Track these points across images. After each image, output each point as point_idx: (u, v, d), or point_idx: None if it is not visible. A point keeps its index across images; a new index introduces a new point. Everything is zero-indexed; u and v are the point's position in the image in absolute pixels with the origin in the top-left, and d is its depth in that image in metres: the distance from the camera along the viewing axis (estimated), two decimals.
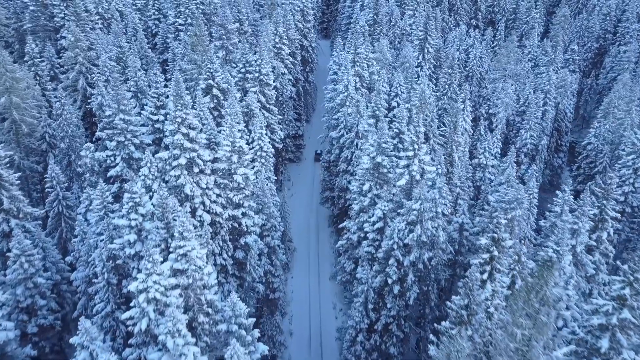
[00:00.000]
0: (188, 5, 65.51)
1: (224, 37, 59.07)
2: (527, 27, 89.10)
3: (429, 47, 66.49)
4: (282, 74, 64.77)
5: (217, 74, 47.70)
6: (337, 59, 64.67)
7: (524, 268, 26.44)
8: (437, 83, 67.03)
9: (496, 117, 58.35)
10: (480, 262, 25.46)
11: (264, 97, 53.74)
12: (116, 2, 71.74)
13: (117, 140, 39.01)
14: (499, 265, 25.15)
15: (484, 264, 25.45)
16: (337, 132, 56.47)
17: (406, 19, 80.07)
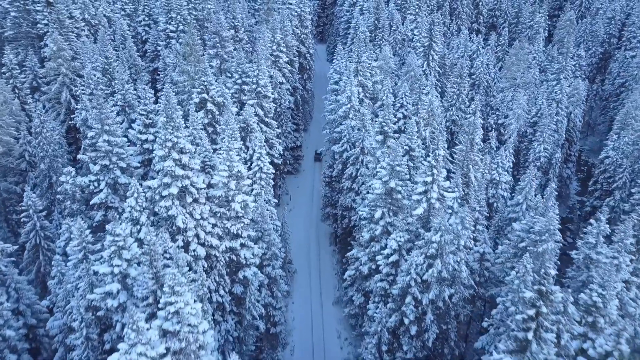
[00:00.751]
0: (180, 11, 61.17)
1: (218, 45, 54.84)
2: (530, 31, 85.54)
3: (433, 54, 62.64)
4: (280, 83, 60.66)
5: (211, 87, 43.50)
6: (338, 67, 60.62)
7: (571, 321, 22.56)
8: (444, 92, 63.26)
9: (507, 128, 54.57)
10: (524, 317, 21.57)
11: (262, 111, 49.60)
12: (104, 8, 67.21)
13: (101, 164, 34.71)
14: (546, 322, 21.26)
15: (528, 320, 21.57)
16: (339, 146, 52.42)
17: (407, 24, 76.14)
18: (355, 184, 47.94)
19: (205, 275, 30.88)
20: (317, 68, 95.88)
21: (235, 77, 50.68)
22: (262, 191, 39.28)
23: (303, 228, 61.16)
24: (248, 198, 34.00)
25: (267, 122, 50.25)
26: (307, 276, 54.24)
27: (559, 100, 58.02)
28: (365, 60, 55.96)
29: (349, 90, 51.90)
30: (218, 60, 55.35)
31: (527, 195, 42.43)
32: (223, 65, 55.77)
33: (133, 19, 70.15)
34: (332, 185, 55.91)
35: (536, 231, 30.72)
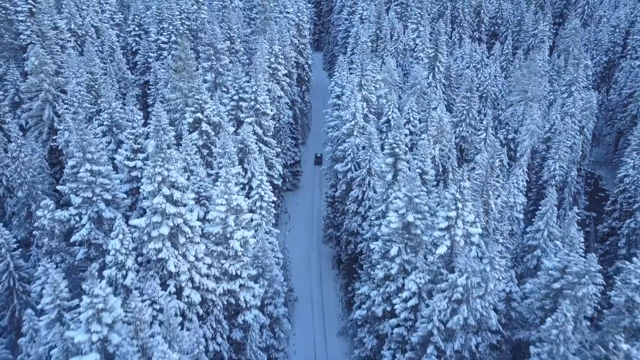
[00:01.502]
0: (172, 21, 57.13)
1: (212, 57, 50.82)
2: (534, 40, 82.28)
3: (439, 66, 59.05)
4: (279, 97, 56.76)
5: (206, 105, 39.50)
6: (340, 80, 56.87)
7: None
8: (449, 105, 59.68)
9: (520, 145, 51.00)
10: None
11: (260, 129, 45.67)
12: (91, 17, 63.00)
13: (83, 196, 30.60)
14: None
15: None
16: (343, 165, 48.56)
17: (409, 33, 72.54)
18: (361, 208, 44.07)
19: (200, 322, 26.98)
20: (314, 77, 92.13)
21: (232, 93, 46.75)
22: (263, 221, 35.31)
23: (304, 249, 57.19)
24: (248, 234, 30.03)
25: (266, 141, 46.34)
26: (308, 304, 50.25)
27: (572, 114, 54.58)
28: (369, 74, 52.20)
29: (353, 106, 48.11)
30: (213, 73, 51.35)
31: (548, 221, 38.77)
32: (218, 79, 51.78)
33: (123, 29, 66.05)
34: (335, 205, 52.01)
35: (574, 272, 27.00)
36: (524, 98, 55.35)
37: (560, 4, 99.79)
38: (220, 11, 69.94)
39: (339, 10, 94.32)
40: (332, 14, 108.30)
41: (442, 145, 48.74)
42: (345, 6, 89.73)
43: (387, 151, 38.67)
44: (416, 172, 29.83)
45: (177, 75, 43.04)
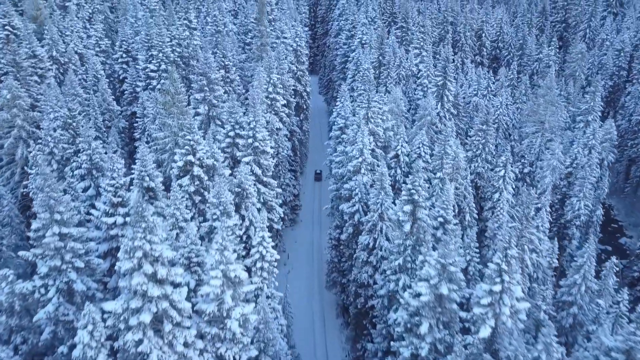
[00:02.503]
0: (162, 48, 51.98)
1: (206, 88, 45.73)
2: (539, 64, 78.29)
3: (448, 95, 54.39)
4: (277, 129, 51.64)
5: (199, 146, 34.15)
6: (343, 111, 51.96)
7: None
8: (459, 136, 54.91)
9: (541, 182, 46.18)
10: None
11: (259, 169, 40.36)
12: (75, 44, 57.73)
13: (50, 265, 24.96)
14: None
15: None
16: (350, 205, 43.34)
17: (412, 59, 68.12)
18: (373, 257, 38.71)
19: None
20: (310, 102, 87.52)
21: (228, 129, 41.53)
22: (265, 284, 29.77)
23: (305, 295, 51.55)
24: (248, 309, 24.48)
25: (265, 182, 41.03)
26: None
27: (592, 146, 50.00)
28: (376, 105, 47.33)
29: (361, 142, 43.06)
30: (206, 105, 46.18)
31: (585, 275, 33.69)
32: (212, 112, 46.61)
33: (109, 55, 60.85)
34: (340, 249, 46.60)
35: None
36: (540, 129, 50.73)
37: (560, 27, 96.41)
38: (214, 36, 65.11)
39: (335, 34, 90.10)
40: (328, 37, 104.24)
41: (457, 183, 43.73)
42: (342, 30, 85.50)
43: (405, 197, 33.47)
44: (452, 235, 24.53)
45: (165, 111, 37.75)
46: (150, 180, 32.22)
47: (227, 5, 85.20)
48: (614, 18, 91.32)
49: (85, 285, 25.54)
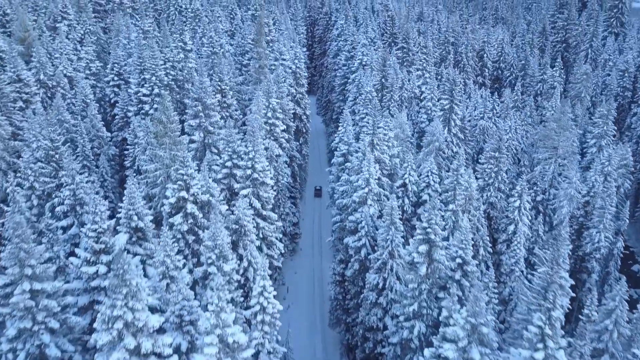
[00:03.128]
0: (155, 71, 48.94)
1: (201, 114, 42.64)
2: (543, 85, 75.95)
3: (455, 119, 51.57)
4: (277, 156, 48.46)
5: (193, 181, 30.84)
6: (346, 137, 48.91)
7: None
8: (467, 162, 51.95)
9: (558, 212, 43.13)
10: None
11: (259, 202, 37.04)
12: (64, 66, 54.66)
13: (20, 326, 21.39)
14: None
15: None
16: (356, 239, 40.01)
17: (414, 80, 65.54)
18: (382, 299, 35.27)
19: None
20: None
21: (225, 159, 38.29)
22: (266, 340, 26.22)
23: (305, 332, 47.77)
24: None
25: (265, 215, 37.69)
26: None
27: (608, 172, 47.11)
28: (381, 130, 44.31)
29: (367, 171, 39.88)
30: (201, 132, 43.04)
31: (617, 320, 30.36)
32: (208, 139, 43.45)
33: (100, 78, 57.78)
34: (345, 285, 43.07)
35: None
36: (553, 155, 47.85)
37: (560, 47, 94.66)
38: (210, 58, 62.28)
39: (334, 54, 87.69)
40: (326, 57, 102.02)
41: (470, 215, 40.56)
42: (341, 50, 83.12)
43: (420, 237, 30.21)
44: (482, 292, 21.18)
45: (157, 141, 34.49)
46: (138, 219, 28.87)
47: (224, 26, 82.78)
48: (615, 38, 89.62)
49: (60, 348, 21.94)
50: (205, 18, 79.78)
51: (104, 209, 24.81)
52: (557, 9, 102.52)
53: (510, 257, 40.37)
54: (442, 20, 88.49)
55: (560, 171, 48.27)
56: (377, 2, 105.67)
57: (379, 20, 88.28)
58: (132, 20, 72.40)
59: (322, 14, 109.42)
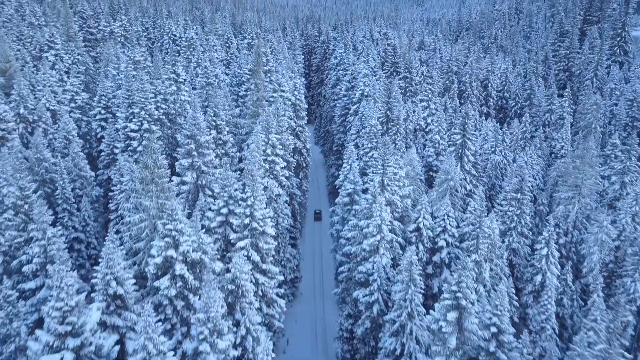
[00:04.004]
0: (144, 105, 44.81)
1: (194, 153, 38.31)
2: (550, 116, 72.65)
3: (468, 155, 47.58)
4: (277, 195, 44.06)
5: (182, 237, 26.25)
6: (352, 175, 44.66)
7: None
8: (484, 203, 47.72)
9: (588, 259, 38.78)
10: None
11: (258, 255, 32.38)
12: (47, 99, 50.44)
13: None
14: None
15: None
16: (367, 293, 35.39)
17: (419, 112, 61.96)
18: None
19: None
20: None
21: (220, 205, 33.78)
22: None
23: None
24: None
25: (265, 270, 33.00)
26: None
27: (635, 213, 42.97)
28: (391, 169, 40.13)
29: (379, 216, 35.51)
30: (194, 172, 38.60)
31: None
32: (201, 180, 39.01)
33: (86, 111, 53.56)
34: (354, 344, 38.21)
35: None
36: (576, 194, 43.74)
37: (563, 76, 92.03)
38: (204, 89, 58.43)
39: (333, 84, 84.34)
40: (324, 87, 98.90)
41: (493, 264, 36.15)
42: (341, 80, 79.83)
43: (448, 302, 25.66)
44: None
45: (142, 188, 29.95)
46: (117, 284, 24.24)
47: (219, 55, 79.48)
48: (620, 67, 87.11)
49: None
50: (200, 47, 76.42)
51: (72, 282, 20.07)
52: (558, 37, 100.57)
53: (540, 312, 35.83)
54: (444, 48, 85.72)
55: (593, 216, 44.06)
56: (376, 31, 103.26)
57: (378, 49, 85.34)
58: (123, 49, 68.76)
59: (320, 43, 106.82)
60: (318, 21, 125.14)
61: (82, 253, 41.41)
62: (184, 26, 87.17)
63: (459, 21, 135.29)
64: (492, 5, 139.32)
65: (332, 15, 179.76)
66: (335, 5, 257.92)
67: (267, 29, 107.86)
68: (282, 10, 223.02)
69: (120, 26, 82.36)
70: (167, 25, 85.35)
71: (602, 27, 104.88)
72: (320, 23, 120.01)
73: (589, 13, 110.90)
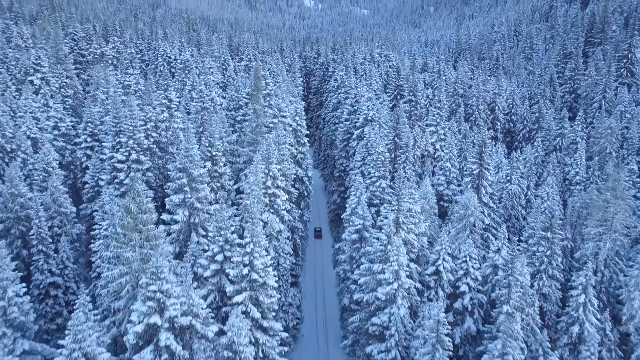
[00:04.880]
0: (133, 134, 40.38)
1: (186, 188, 33.80)
2: (562, 140, 68.86)
3: (486, 186, 43.28)
4: (278, 232, 39.48)
5: (169, 300, 21.53)
6: (361, 210, 40.18)
7: None
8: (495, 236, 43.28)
9: (628, 304, 34.24)
10: None
11: (258, 310, 27.58)
12: (28, 126, 45.96)
13: None
14: None
15: None
16: (382, 349, 30.66)
17: (427, 137, 57.92)
18: None
19: None
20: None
21: (215, 250, 29.12)
22: None
23: None
24: None
25: (266, 328, 28.17)
26: None
27: None
28: (407, 205, 35.68)
29: (395, 261, 30.96)
30: (186, 210, 34.01)
31: None
32: (194, 218, 34.39)
33: (71, 139, 49.05)
34: None
35: None
36: (606, 230, 39.38)
37: (569, 98, 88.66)
38: (199, 114, 54.16)
39: (334, 107, 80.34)
40: (324, 109, 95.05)
41: (524, 314, 31.52)
42: (342, 103, 75.93)
43: None
44: None
45: (125, 234, 25.25)
46: None
47: (215, 78, 75.59)
48: (628, 89, 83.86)
49: None
50: (196, 69, 72.52)
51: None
52: (561, 58, 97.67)
53: None
54: (447, 70, 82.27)
55: (614, 247, 39.78)
56: (376, 52, 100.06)
57: (380, 71, 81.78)
58: (115, 72, 64.68)
59: (319, 65, 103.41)
60: (316, 43, 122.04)
61: (60, 299, 36.51)
62: (179, 48, 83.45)
63: (457, 42, 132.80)
64: (490, 27, 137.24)
65: (329, 37, 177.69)
66: (331, 27, 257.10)
67: (265, 50, 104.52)
68: (279, 32, 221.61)
69: (113, 48, 78.43)
70: (162, 47, 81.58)
71: (604, 49, 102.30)
72: (318, 45, 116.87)
73: (590, 35, 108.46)
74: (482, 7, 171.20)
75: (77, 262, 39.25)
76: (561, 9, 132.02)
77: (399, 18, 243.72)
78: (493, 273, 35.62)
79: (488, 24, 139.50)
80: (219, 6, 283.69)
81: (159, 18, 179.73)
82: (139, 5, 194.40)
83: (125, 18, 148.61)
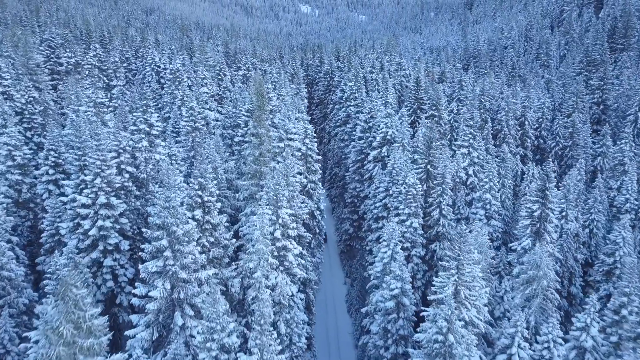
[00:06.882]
0: (101, 169, 30.29)
1: (167, 252, 23.89)
2: (603, 160, 59.52)
3: (551, 232, 33.57)
4: (291, 296, 29.65)
5: None
6: (398, 267, 30.36)
7: None
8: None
9: None
10: None
11: None
12: None
13: None
14: None
15: None
16: None
17: (459, 161, 48.32)
18: None
19: None
20: None
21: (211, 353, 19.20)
22: None
23: None
24: None
25: None
26: None
27: None
28: (466, 270, 25.93)
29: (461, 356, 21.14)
30: (167, 281, 24.09)
31: None
32: (178, 292, 24.48)
33: (28, 170, 38.92)
34: None
35: None
36: None
37: (597, 110, 79.40)
38: (189, 135, 44.16)
39: (343, 122, 70.72)
40: (328, 122, 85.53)
41: None
42: (351, 117, 66.58)
43: None
44: None
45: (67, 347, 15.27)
46: None
47: (210, 89, 65.67)
48: None
49: None
50: (187, 80, 62.62)
51: None
52: (584, 66, 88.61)
53: None
54: (467, 80, 72.78)
55: None
56: (386, 60, 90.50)
57: (393, 82, 72.20)
58: (90, 85, 54.58)
59: (322, 73, 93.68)
60: (319, 50, 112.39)
61: None
62: (169, 56, 73.51)
63: (465, 49, 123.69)
64: (499, 32, 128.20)
65: (327, 43, 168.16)
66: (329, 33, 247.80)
67: (264, 58, 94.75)
68: (276, 38, 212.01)
69: (94, 56, 68.31)
70: (150, 54, 71.55)
71: (629, 56, 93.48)
72: (321, 52, 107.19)
73: (612, 40, 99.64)
74: (487, 12, 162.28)
75: (25, 340, 29.10)
76: (573, 13, 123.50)
77: (399, 24, 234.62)
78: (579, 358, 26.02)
79: (497, 29, 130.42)
80: (214, 12, 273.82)
81: (152, 24, 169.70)
82: (132, 11, 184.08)
83: (117, 24, 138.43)
